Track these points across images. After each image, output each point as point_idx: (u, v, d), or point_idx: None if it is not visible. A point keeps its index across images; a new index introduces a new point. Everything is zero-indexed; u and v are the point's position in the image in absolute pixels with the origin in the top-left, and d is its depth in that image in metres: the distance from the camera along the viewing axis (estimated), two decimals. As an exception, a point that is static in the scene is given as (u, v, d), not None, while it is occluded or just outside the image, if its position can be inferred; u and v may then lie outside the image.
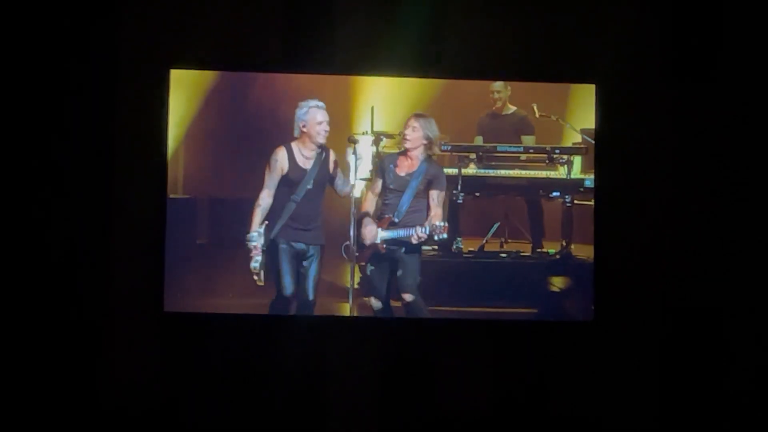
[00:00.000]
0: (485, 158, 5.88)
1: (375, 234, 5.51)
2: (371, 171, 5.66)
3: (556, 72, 5.61)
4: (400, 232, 5.50)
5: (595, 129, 5.56)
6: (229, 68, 5.57)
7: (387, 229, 5.52)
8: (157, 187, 5.45)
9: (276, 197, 5.51)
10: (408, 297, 5.52)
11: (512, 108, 5.87)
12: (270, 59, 5.58)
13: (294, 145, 5.52)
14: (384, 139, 5.73)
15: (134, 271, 5.45)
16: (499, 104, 5.86)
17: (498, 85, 5.81)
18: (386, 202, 5.55)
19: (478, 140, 5.92)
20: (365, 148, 5.68)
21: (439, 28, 5.60)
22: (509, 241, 5.96)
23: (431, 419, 5.53)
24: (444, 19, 5.60)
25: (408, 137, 5.50)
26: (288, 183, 5.51)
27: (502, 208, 5.98)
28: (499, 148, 5.85)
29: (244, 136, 5.64)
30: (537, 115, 5.76)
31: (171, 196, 5.53)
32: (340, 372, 5.52)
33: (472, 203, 5.86)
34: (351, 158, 5.59)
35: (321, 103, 5.51)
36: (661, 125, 5.58)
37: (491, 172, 5.90)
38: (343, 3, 5.59)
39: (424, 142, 5.50)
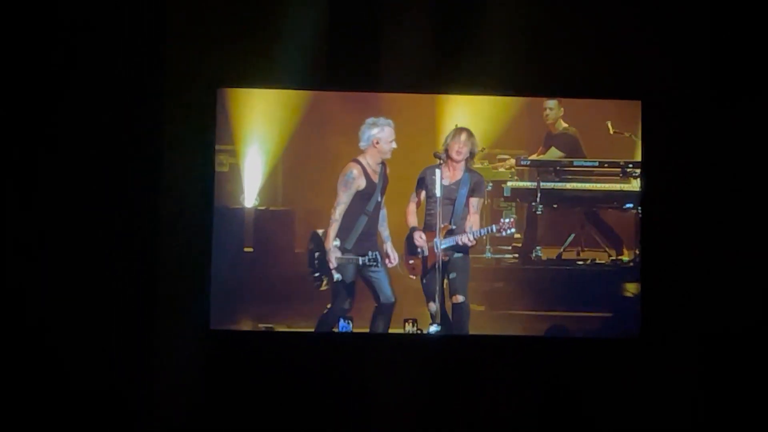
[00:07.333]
0: (562, 172, 6.14)
1: (430, 243, 5.78)
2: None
3: (601, 88, 5.73)
4: (458, 239, 5.79)
5: (642, 145, 5.81)
6: (276, 86, 5.67)
7: (446, 237, 5.82)
8: (205, 205, 5.52)
9: (348, 212, 5.83)
10: (460, 298, 5.78)
11: (563, 125, 6.09)
12: (317, 77, 5.68)
13: (362, 159, 5.83)
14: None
15: (181, 289, 5.46)
16: (550, 121, 6.09)
17: (551, 102, 6.05)
18: (431, 212, 5.81)
19: (552, 153, 6.14)
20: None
21: (486, 45, 5.68)
22: (585, 249, 6.19)
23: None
24: (490, 37, 5.68)
25: (459, 150, 5.79)
26: (363, 197, 5.83)
27: (579, 219, 6.20)
28: (575, 163, 6.12)
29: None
30: (611, 132, 5.93)
31: (268, 207, 5.94)
32: (383, 389, 5.54)
33: (551, 214, 6.14)
34: (437, 174, 5.82)
35: (390, 121, 5.83)
36: (707, 142, 5.66)
37: (568, 185, 6.15)
38: (387, 23, 5.67)
39: (468, 155, 5.83)
